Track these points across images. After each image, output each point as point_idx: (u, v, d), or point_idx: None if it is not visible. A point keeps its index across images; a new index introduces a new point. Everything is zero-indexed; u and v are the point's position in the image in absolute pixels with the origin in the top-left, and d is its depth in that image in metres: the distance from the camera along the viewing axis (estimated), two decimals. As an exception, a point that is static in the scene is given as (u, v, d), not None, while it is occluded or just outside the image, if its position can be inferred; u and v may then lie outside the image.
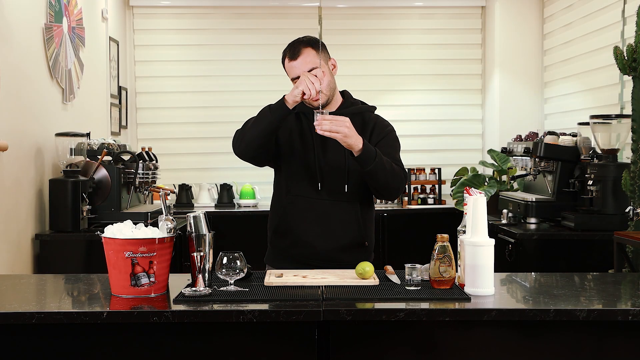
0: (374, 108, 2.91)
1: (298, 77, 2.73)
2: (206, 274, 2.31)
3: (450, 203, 5.79)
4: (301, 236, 2.78)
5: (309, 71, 2.72)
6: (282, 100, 2.65)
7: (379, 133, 2.81)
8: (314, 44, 2.77)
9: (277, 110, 2.65)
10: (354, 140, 2.58)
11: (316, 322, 2.10)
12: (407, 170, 2.80)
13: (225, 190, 5.92)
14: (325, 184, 2.75)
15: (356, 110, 2.83)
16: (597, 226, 4.03)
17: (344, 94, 2.89)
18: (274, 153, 2.80)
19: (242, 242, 3.68)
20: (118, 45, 5.84)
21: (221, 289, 2.31)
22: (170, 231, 2.36)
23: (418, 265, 2.38)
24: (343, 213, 2.77)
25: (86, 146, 4.33)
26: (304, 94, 2.62)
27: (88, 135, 4.45)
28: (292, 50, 2.77)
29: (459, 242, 2.38)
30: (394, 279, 2.47)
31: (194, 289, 2.27)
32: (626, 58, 3.63)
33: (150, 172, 4.60)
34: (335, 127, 2.55)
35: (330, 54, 2.89)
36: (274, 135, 2.71)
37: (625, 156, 4.27)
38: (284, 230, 2.82)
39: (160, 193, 2.75)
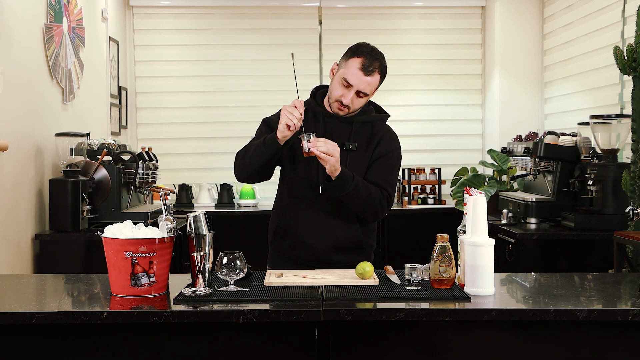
0: (387, 116, 2.90)
1: (349, 84, 2.70)
2: (206, 274, 2.31)
3: (450, 203, 5.79)
4: (300, 238, 2.78)
5: (358, 92, 2.70)
6: (275, 136, 2.64)
7: (381, 150, 2.81)
8: (383, 74, 2.77)
9: (271, 147, 2.66)
10: (338, 166, 2.62)
11: (316, 322, 2.11)
12: (392, 198, 2.82)
13: (225, 190, 5.92)
14: (326, 188, 2.75)
15: (368, 119, 2.83)
16: (597, 226, 4.03)
17: None
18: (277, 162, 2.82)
19: (242, 242, 3.68)
20: (118, 45, 5.84)
21: (221, 289, 2.31)
22: (170, 231, 2.36)
23: (418, 265, 2.38)
24: (343, 216, 2.77)
25: (86, 146, 4.33)
26: (289, 127, 2.60)
27: (88, 135, 4.45)
28: (370, 64, 2.72)
29: (459, 242, 2.38)
30: (394, 279, 2.47)
31: (194, 289, 2.27)
32: (626, 58, 3.63)
33: (150, 172, 4.60)
34: (331, 150, 2.57)
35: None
36: (272, 164, 2.74)
37: (625, 156, 4.27)
38: (284, 232, 2.82)
39: (160, 193, 2.75)
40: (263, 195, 5.90)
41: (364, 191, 2.68)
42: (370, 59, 2.73)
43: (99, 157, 4.24)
